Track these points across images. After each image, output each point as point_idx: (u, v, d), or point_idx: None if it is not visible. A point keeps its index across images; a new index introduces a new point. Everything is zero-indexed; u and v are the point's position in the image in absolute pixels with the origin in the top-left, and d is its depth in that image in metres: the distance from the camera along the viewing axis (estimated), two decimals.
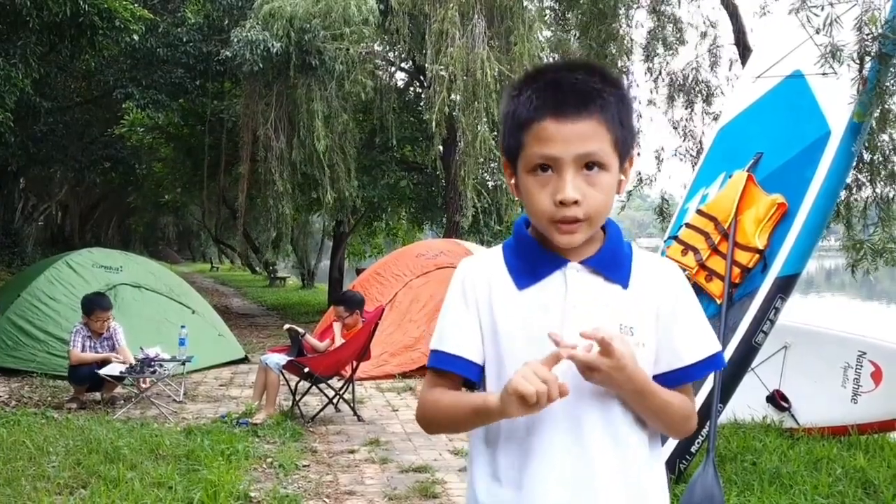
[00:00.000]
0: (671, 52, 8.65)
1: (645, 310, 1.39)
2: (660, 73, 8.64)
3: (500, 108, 1.84)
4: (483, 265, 1.46)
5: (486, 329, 1.41)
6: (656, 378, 1.37)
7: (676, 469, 4.39)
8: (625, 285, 1.39)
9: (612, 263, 1.40)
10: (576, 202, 1.30)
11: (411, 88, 16.97)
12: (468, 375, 1.41)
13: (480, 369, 1.42)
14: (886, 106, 4.47)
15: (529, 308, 1.38)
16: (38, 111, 13.54)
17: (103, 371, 6.71)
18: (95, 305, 7.04)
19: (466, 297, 1.43)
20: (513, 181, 1.42)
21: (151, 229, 47.70)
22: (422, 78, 14.71)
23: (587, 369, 1.28)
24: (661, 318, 1.40)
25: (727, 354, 4.39)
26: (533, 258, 1.41)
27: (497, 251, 1.47)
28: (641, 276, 1.41)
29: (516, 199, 1.44)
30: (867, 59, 4.30)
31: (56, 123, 15.03)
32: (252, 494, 4.50)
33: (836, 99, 4.57)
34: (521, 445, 1.37)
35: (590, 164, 1.32)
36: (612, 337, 1.26)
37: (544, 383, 1.22)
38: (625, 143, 1.36)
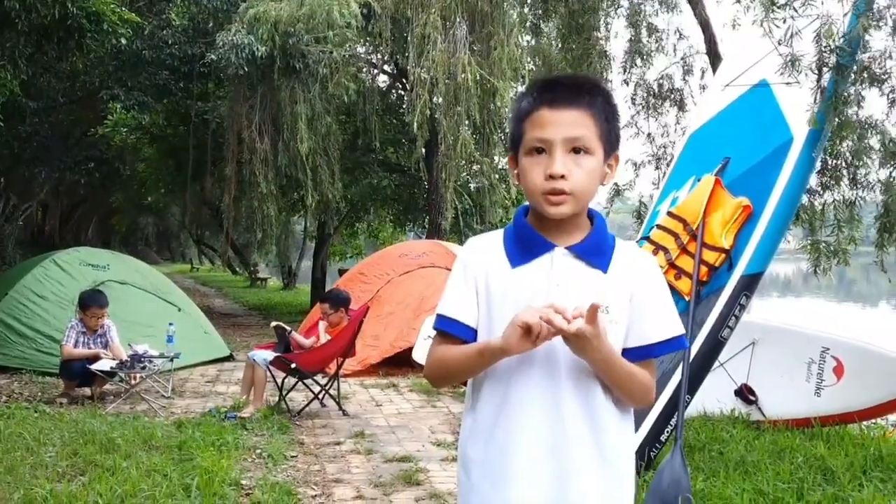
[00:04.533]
0: (647, 64, 8.95)
1: (620, 292, 1.63)
2: (637, 86, 8.93)
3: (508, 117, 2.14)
4: (484, 245, 1.71)
5: (481, 299, 1.67)
6: (625, 352, 1.62)
7: (647, 457, 4.63)
8: (604, 270, 1.64)
9: (595, 251, 1.65)
10: (563, 176, 1.57)
11: (394, 91, 17.12)
12: (463, 336, 1.66)
13: (475, 333, 1.66)
14: (845, 114, 4.73)
15: (519, 283, 1.63)
16: (25, 112, 13.57)
17: (94, 366, 6.86)
18: (92, 302, 7.19)
19: (467, 272, 1.69)
20: (515, 171, 1.68)
21: (131, 230, 47.42)
22: (404, 81, 14.91)
23: (574, 336, 1.49)
24: (634, 301, 1.64)
25: (695, 348, 4.65)
26: (527, 242, 1.66)
27: (499, 234, 1.72)
28: (620, 264, 1.66)
29: (516, 184, 1.73)
30: (825, 69, 4.57)
31: (41, 124, 15.03)
32: (243, 482, 4.69)
33: (799, 107, 4.84)
34: (501, 397, 1.63)
35: (577, 148, 1.58)
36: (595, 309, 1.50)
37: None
38: (609, 137, 1.64)
